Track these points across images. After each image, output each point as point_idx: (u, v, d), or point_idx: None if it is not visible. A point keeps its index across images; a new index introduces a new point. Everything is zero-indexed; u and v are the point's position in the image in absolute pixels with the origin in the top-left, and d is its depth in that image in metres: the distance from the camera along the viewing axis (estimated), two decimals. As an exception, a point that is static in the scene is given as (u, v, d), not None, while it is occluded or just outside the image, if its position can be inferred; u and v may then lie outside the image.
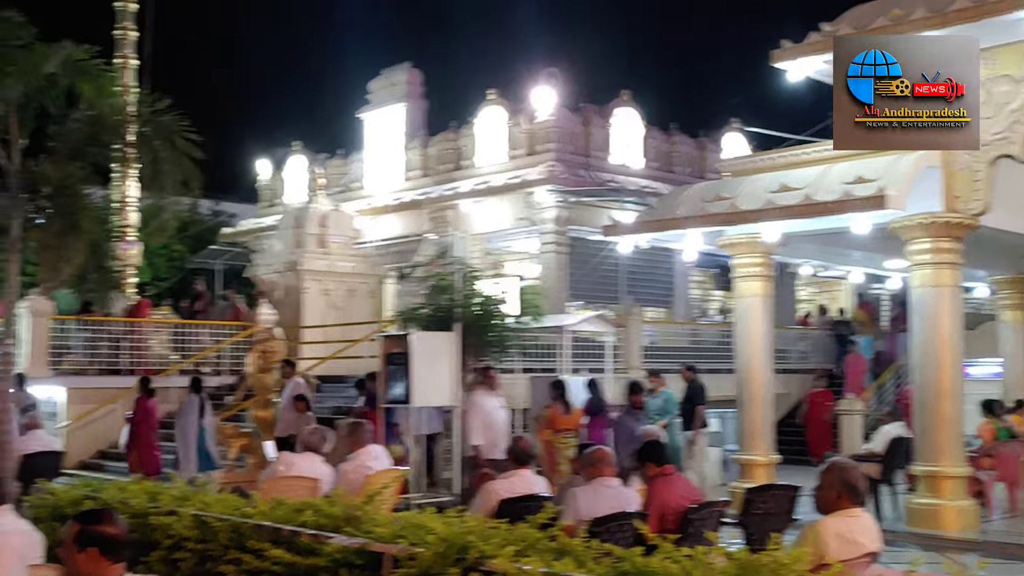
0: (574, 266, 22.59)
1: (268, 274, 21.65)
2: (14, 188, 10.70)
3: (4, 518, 6.00)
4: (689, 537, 6.56)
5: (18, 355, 14.08)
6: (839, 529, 5.39)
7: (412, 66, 26.35)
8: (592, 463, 7.07)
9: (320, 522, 6.38)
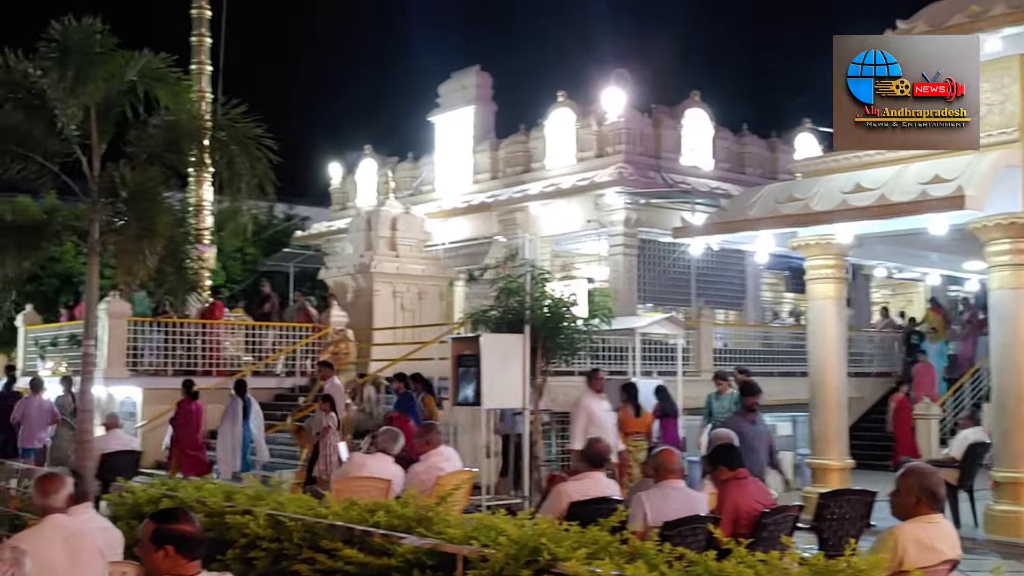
0: (644, 268, 22.51)
1: (339, 277, 21.86)
2: (94, 192, 10.94)
3: (84, 515, 6.13)
4: (762, 542, 6.49)
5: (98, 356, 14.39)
6: (918, 535, 5.29)
7: (481, 69, 26.49)
8: (659, 466, 7.01)
9: (392, 523, 6.43)
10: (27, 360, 21.67)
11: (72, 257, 26.19)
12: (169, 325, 19.12)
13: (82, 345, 11.57)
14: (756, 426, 10.77)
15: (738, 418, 10.81)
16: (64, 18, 10.54)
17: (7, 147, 11.02)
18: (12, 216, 12.62)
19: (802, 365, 17.40)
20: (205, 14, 21.90)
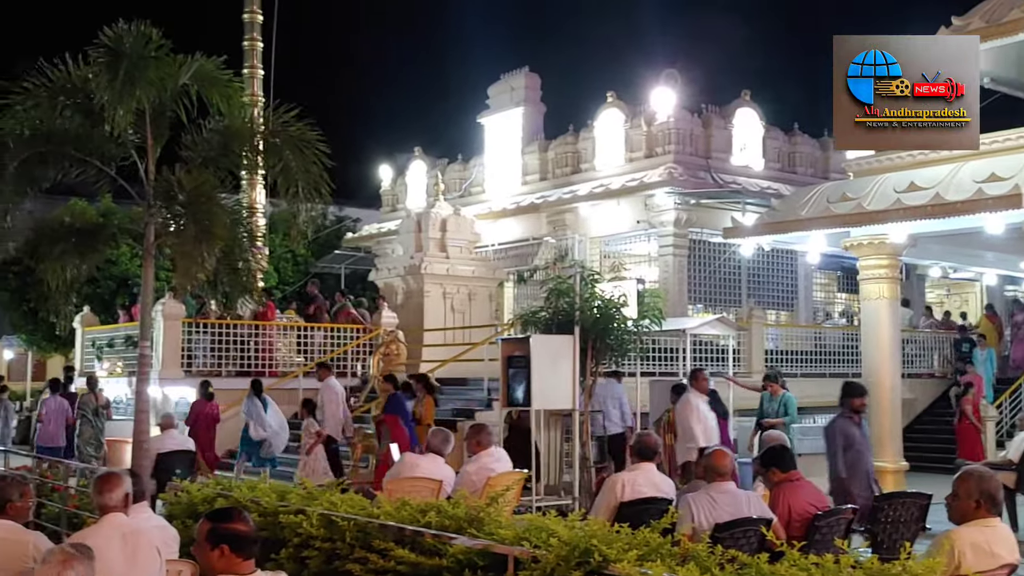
0: (694, 268, 22.43)
1: (390, 278, 21.99)
2: (149, 196, 11.09)
3: (141, 515, 6.22)
4: (815, 544, 6.45)
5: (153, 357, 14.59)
6: (975, 539, 5.22)
7: (530, 70, 26.53)
8: (709, 467, 6.96)
9: (443, 523, 6.47)
10: (84, 361, 22.03)
11: (128, 260, 26.59)
12: (222, 326, 19.34)
13: (138, 346, 11.73)
14: (862, 429, 10.18)
15: (844, 420, 10.15)
16: (116, 23, 10.69)
17: (66, 151, 11.20)
18: (70, 219, 12.83)
19: (855, 366, 17.27)
20: (257, 19, 22.13)
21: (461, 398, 17.71)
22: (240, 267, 11.99)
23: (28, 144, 10.90)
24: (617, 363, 14.50)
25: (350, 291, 25.57)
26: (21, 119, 10.89)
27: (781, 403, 14.38)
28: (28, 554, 5.62)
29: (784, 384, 14.90)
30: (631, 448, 7.97)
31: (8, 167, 10.84)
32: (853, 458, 9.80)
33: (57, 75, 10.85)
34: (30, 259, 12.60)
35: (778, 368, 15.46)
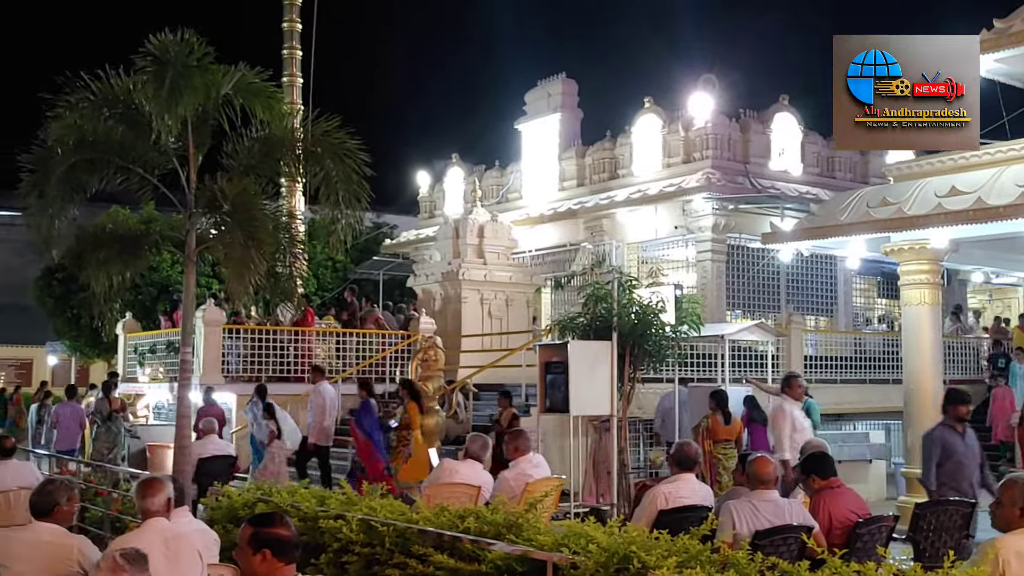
0: (732, 274, 22.33)
1: (428, 284, 22.05)
2: (191, 203, 11.23)
3: (182, 519, 6.28)
4: (857, 552, 6.41)
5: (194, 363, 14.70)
6: (1020, 548, 5.15)
7: (567, 76, 26.56)
8: (752, 475, 6.92)
9: (482, 529, 6.48)
10: (127, 367, 22.27)
11: (169, 266, 26.88)
12: (261, 332, 19.48)
13: (179, 352, 11.86)
14: (966, 439, 9.50)
15: (944, 429, 9.54)
16: (160, 33, 10.83)
17: (110, 159, 11.36)
18: (113, 226, 13.00)
19: (896, 372, 17.10)
20: (296, 27, 22.33)
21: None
22: (281, 273, 12.10)
23: (74, 152, 11.07)
24: (655, 369, 14.46)
25: (388, 297, 25.70)
26: (67, 128, 11.06)
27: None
28: (73, 558, 5.71)
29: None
30: (670, 458, 7.94)
31: (55, 173, 11.01)
32: (952, 469, 9.31)
33: (100, 87, 11.01)
34: (74, 266, 12.80)
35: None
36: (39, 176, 11.21)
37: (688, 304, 14.29)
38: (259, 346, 19.40)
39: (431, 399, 14.45)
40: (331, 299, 28.80)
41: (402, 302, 24.21)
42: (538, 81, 27.16)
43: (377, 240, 32.03)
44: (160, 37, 10.68)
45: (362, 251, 30.30)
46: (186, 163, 11.30)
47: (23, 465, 11.05)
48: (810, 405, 14.14)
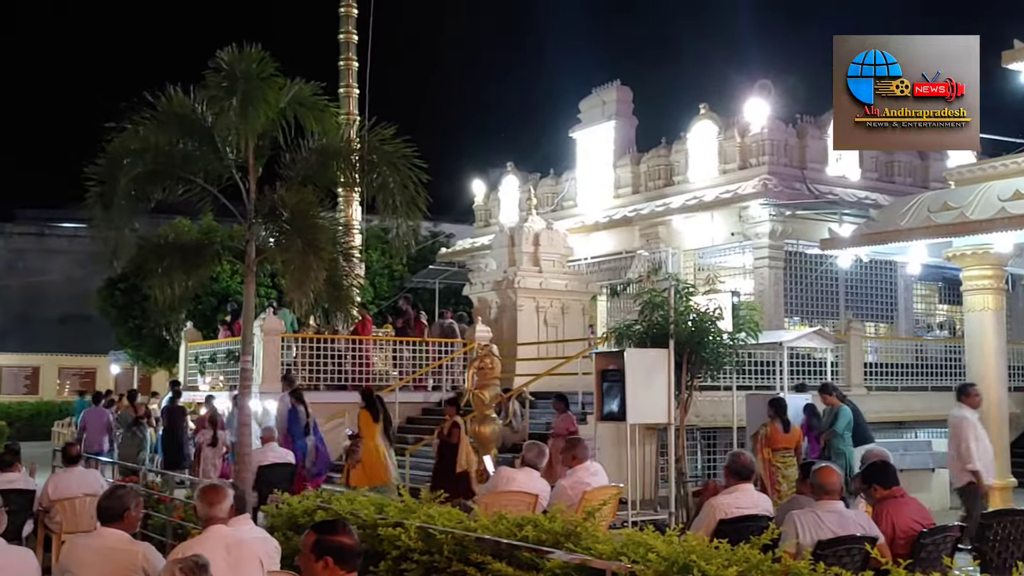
0: (790, 280, 22.14)
1: (483, 292, 22.10)
2: (251, 213, 11.37)
3: (244, 526, 6.35)
4: (921, 563, 6.31)
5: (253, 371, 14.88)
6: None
7: (622, 83, 26.52)
8: (817, 485, 6.82)
9: (540, 537, 6.47)
10: (188, 375, 22.58)
11: (228, 276, 27.23)
12: (320, 341, 19.64)
13: (239, 361, 12.01)
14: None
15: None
16: (226, 47, 11.00)
17: (171, 171, 11.55)
18: (174, 237, 13.21)
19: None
20: (352, 39, 22.50)
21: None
22: (339, 282, 12.20)
23: (137, 165, 11.27)
24: (712, 377, 14.37)
25: (444, 305, 25.79)
26: (131, 142, 11.27)
27: (831, 414, 14.07)
28: (138, 564, 5.78)
29: (843, 396, 14.47)
30: (726, 469, 7.87)
31: (118, 186, 11.21)
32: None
33: (169, 103, 11.21)
34: (137, 276, 13.02)
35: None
36: (103, 189, 11.42)
37: (746, 311, 14.19)
38: (317, 355, 19.56)
39: (487, 407, 14.46)
40: (387, 307, 28.99)
41: (460, 311, 24.26)
42: (592, 89, 27.16)
43: (433, 249, 32.19)
44: (228, 52, 10.85)
45: (418, 260, 30.48)
46: (246, 174, 11.44)
47: (88, 472, 11.25)
48: (838, 411, 13.97)
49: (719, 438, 17.01)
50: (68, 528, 10.28)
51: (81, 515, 10.38)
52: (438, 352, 20.55)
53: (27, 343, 41.60)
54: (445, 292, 29.10)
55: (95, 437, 18.78)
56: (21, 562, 5.61)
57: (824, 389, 14.49)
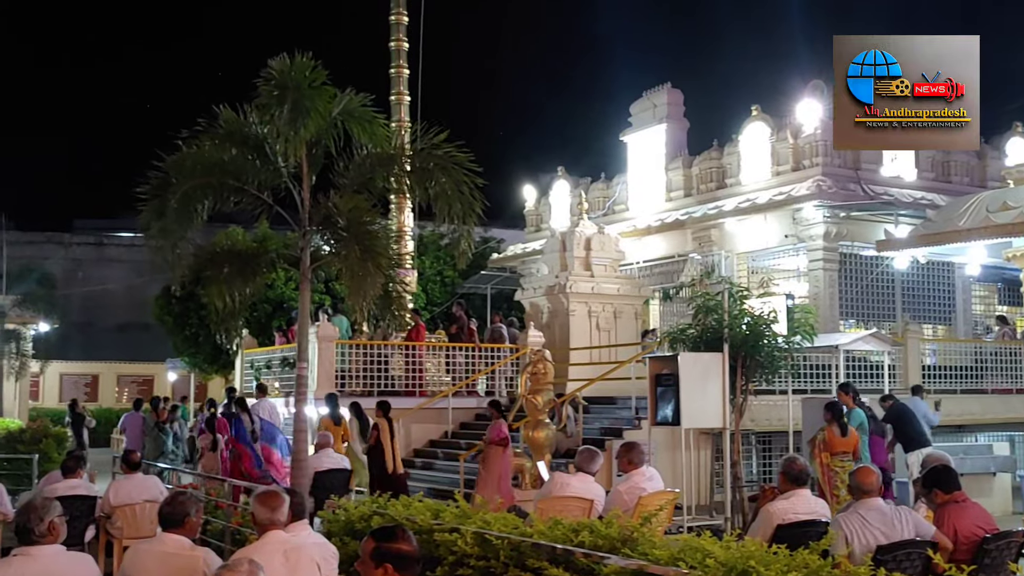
0: (845, 283, 21.92)
1: (535, 297, 22.11)
2: (305, 221, 11.47)
3: (301, 532, 6.38)
4: (985, 568, 6.22)
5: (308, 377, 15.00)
6: None
7: (672, 86, 26.43)
8: (855, 486, 6.77)
9: (596, 543, 6.45)
10: (244, 382, 22.80)
11: (283, 284, 27.48)
12: (373, 347, 19.75)
13: (295, 367, 12.11)
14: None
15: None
16: (277, 56, 11.11)
17: (225, 181, 11.67)
18: (230, 246, 13.36)
19: (1019, 382, 16.54)
20: (403, 46, 22.61)
21: (608, 417, 17.68)
22: (390, 289, 12.26)
23: (191, 176, 11.42)
24: (767, 380, 14.25)
25: (496, 311, 25.82)
26: (187, 155, 11.43)
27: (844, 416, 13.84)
28: (199, 569, 5.83)
29: (857, 397, 14.21)
30: (781, 474, 7.81)
31: (174, 197, 11.37)
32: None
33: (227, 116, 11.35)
34: (194, 285, 13.18)
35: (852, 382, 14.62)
36: (158, 201, 11.58)
37: (800, 314, 14.08)
38: (370, 361, 19.66)
39: (540, 412, 14.47)
40: (440, 313, 29.09)
41: (511, 316, 24.28)
42: (643, 92, 27.11)
43: (484, 254, 32.25)
44: (279, 61, 10.95)
45: (469, 266, 30.55)
46: (299, 182, 11.54)
47: (148, 479, 11.39)
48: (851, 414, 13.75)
49: (774, 442, 16.86)
50: (129, 534, 10.43)
51: (141, 521, 10.53)
52: (490, 358, 20.59)
53: (87, 351, 42.28)
54: (497, 297, 29.15)
55: (133, 441, 19.71)
56: (82, 568, 5.67)
57: (842, 388, 14.26)
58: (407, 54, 22.77)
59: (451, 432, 19.25)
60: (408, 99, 22.44)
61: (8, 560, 5.51)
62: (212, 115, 11.51)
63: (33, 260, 44.23)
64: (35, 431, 19.47)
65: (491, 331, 21.63)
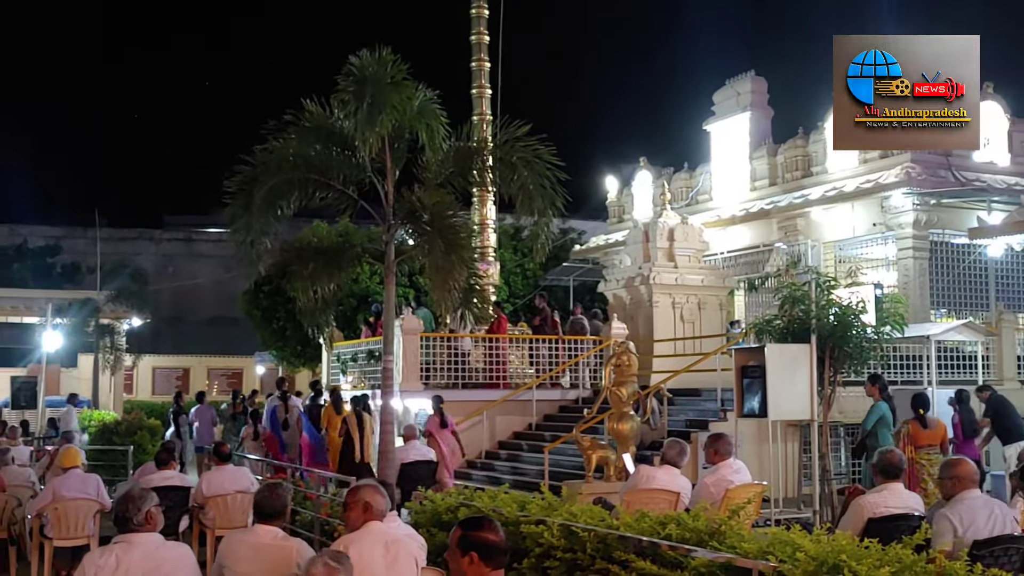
0: (936, 271, 21.45)
1: (618, 289, 22.02)
2: (389, 216, 11.59)
3: (393, 523, 6.44)
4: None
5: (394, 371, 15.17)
6: None
7: (756, 74, 26.09)
8: (953, 477, 6.60)
9: (684, 535, 6.42)
10: (330, 375, 23.11)
11: (368, 277, 27.77)
12: (456, 340, 19.85)
13: (378, 360, 12.24)
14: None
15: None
16: (358, 52, 11.23)
17: (310, 177, 11.84)
18: (316, 241, 13.55)
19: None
20: (484, 40, 22.64)
21: (694, 409, 17.55)
22: (473, 282, 12.33)
23: (277, 172, 11.61)
24: (856, 372, 14.01)
25: (578, 302, 25.79)
26: (273, 149, 11.62)
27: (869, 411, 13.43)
28: (292, 560, 5.92)
29: (884, 389, 13.77)
30: (874, 467, 7.66)
31: (259, 193, 11.57)
32: None
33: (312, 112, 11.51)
34: (280, 279, 13.40)
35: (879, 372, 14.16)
36: (245, 196, 11.79)
37: (890, 304, 13.81)
38: (453, 354, 19.77)
39: (625, 404, 14.42)
40: (522, 306, 29.14)
41: (594, 308, 24.23)
42: (726, 80, 26.80)
43: (566, 246, 32.21)
44: (359, 56, 11.06)
45: (551, 257, 30.56)
46: (383, 177, 11.65)
47: (238, 470, 11.63)
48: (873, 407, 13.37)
49: (864, 434, 16.56)
50: (221, 524, 10.67)
51: (233, 511, 10.76)
52: (573, 350, 20.57)
53: (178, 345, 43.25)
54: (579, 289, 29.09)
55: (204, 432, 20.38)
56: (179, 557, 5.81)
57: (871, 379, 13.86)
58: (488, 47, 22.80)
59: (535, 424, 19.28)
60: (489, 92, 22.46)
61: (109, 547, 5.67)
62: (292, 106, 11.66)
63: (126, 256, 45.47)
64: (130, 423, 19.99)
65: (571, 323, 21.62)
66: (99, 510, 10.71)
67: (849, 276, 14.58)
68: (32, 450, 17.83)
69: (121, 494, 6.02)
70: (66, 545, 10.61)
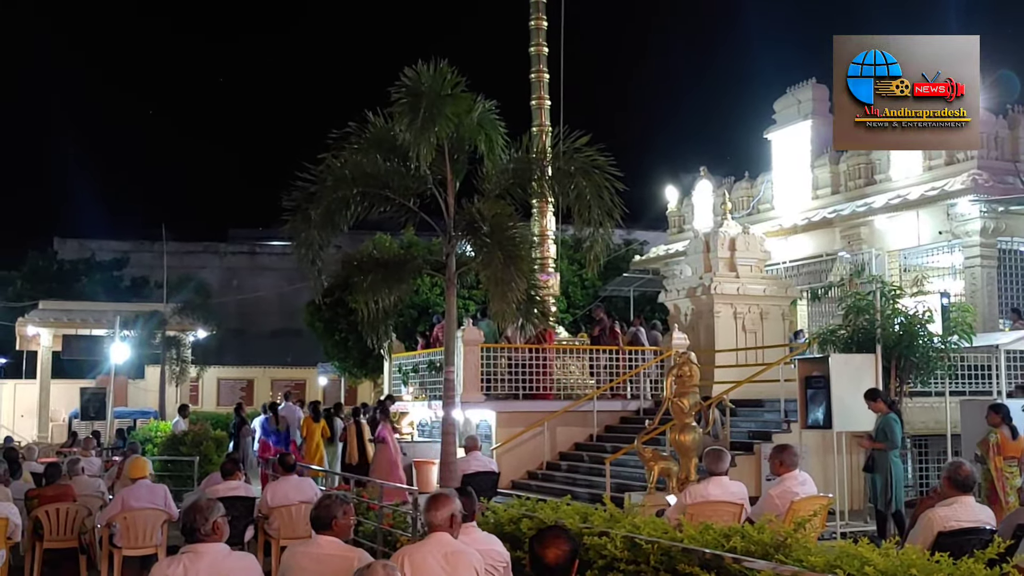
0: (1005, 280, 21.06)
1: (679, 299, 21.91)
2: (450, 227, 11.64)
3: (468, 535, 6.39)
4: None
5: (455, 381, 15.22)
6: None
7: (817, 82, 25.83)
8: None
9: (748, 548, 6.36)
10: (392, 385, 23.24)
11: (428, 289, 27.91)
12: (516, 351, 19.84)
13: (439, 371, 12.30)
14: None
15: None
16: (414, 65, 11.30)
17: (371, 190, 11.93)
18: (377, 253, 13.65)
19: None
20: (543, 51, 22.66)
21: (756, 420, 17.38)
22: (533, 293, 12.33)
23: (337, 187, 11.72)
24: (923, 382, 13.80)
25: (639, 313, 25.67)
26: (334, 164, 11.73)
27: (879, 426, 12.94)
28: (353, 569, 5.94)
29: (890, 402, 13.33)
30: (946, 479, 7.51)
31: (320, 207, 11.69)
32: None
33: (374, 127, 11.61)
34: (343, 291, 13.51)
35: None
36: (306, 210, 11.91)
37: (957, 313, 13.59)
38: (513, 365, 19.75)
39: (687, 416, 14.30)
40: (582, 316, 29.07)
41: (654, 318, 24.11)
42: (787, 88, 26.60)
43: (626, 257, 32.10)
44: (414, 68, 11.13)
45: (611, 268, 30.49)
46: (444, 189, 11.70)
47: (303, 481, 11.71)
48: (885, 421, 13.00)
49: (931, 446, 16.31)
50: (285, 534, 10.75)
51: (297, 522, 10.83)
52: (633, 361, 20.48)
53: (242, 357, 43.73)
54: (640, 300, 28.97)
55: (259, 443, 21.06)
56: (246, 567, 5.87)
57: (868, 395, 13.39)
58: (547, 58, 22.82)
59: (596, 435, 19.22)
60: (548, 103, 22.47)
61: (178, 557, 5.75)
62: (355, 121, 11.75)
63: (191, 270, 46.17)
64: (196, 434, 20.22)
65: (630, 334, 21.52)
66: (167, 520, 10.85)
67: (915, 285, 14.39)
68: (102, 460, 18.14)
69: (188, 504, 6.10)
70: (135, 555, 10.75)
